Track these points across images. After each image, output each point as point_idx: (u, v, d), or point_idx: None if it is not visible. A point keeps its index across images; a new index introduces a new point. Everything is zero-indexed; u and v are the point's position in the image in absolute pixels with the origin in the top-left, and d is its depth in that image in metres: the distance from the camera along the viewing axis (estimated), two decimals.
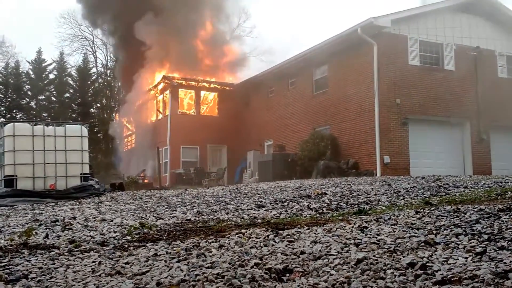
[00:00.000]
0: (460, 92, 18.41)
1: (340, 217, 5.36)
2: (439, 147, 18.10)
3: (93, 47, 46.44)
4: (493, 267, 2.80)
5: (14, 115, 39.24)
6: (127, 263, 3.58)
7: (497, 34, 19.70)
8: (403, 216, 4.82)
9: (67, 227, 6.05)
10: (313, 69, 21.33)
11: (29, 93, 40.85)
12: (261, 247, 3.81)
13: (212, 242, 4.17)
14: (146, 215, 6.99)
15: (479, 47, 18.90)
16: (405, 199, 7.14)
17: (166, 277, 2.99)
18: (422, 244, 3.52)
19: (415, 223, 4.33)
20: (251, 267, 3.11)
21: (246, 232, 4.51)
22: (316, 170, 17.80)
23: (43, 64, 41.37)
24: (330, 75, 20.22)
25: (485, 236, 3.61)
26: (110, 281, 3.02)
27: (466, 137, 18.68)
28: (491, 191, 7.17)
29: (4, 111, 39.78)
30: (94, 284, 2.94)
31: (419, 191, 8.05)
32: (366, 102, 17.68)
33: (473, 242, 3.48)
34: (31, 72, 41.15)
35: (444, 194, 7.50)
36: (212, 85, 27.59)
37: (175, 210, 7.57)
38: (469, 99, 18.59)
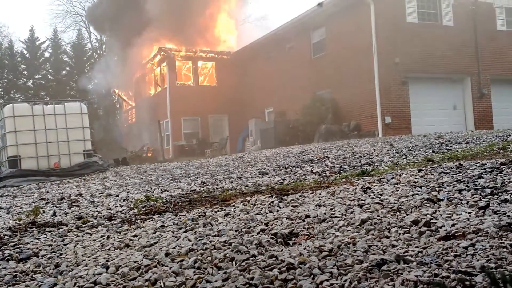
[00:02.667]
0: (459, 47, 18.18)
1: (343, 180, 5.39)
2: (440, 104, 18.04)
3: (86, 23, 45.86)
4: (496, 221, 2.83)
5: (12, 95, 39.06)
6: (135, 235, 3.63)
7: None
8: (405, 175, 4.84)
9: (73, 204, 6.11)
10: (310, 32, 21.06)
11: (25, 72, 40.50)
12: (266, 213, 3.85)
13: (218, 211, 4.22)
14: (151, 188, 7.05)
15: (477, 0, 18.58)
16: (407, 158, 7.16)
17: (174, 247, 3.03)
18: (426, 201, 3.55)
19: (418, 181, 4.36)
20: (257, 233, 3.15)
21: (251, 199, 4.55)
22: (318, 135, 17.81)
23: (37, 43, 40.88)
24: (328, 37, 19.98)
25: (488, 190, 3.64)
26: (120, 254, 3.07)
27: (467, 93, 18.58)
28: (493, 145, 7.19)
29: (2, 92, 39.60)
30: (104, 258, 2.98)
31: (421, 150, 8.07)
32: (365, 63, 17.51)
33: (476, 197, 3.51)
34: (25, 52, 40.72)
35: (446, 151, 7.52)
36: (209, 55, 27.32)
37: (180, 182, 7.62)
38: (469, 54, 18.40)
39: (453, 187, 3.90)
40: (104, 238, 3.67)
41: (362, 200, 3.83)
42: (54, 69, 40.81)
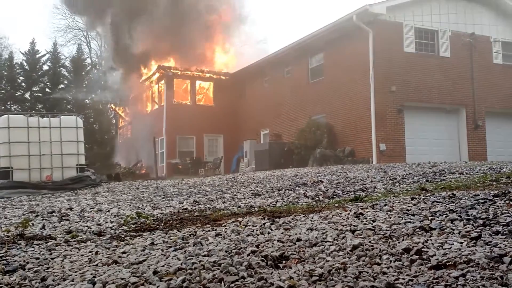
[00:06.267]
0: (455, 78, 18.41)
1: (336, 204, 5.38)
2: (434, 134, 18.15)
3: (87, 38, 46.19)
4: (488, 252, 2.82)
5: (8, 107, 38.99)
6: (124, 252, 3.59)
7: (492, 20, 19.65)
8: (398, 202, 4.83)
9: (63, 218, 6.05)
10: (308, 57, 21.27)
11: (23, 84, 40.52)
12: (258, 235, 3.82)
13: (209, 230, 4.18)
14: (142, 205, 7.00)
15: (474, 33, 18.87)
16: (401, 185, 7.16)
17: (163, 266, 2.99)
18: (418, 229, 3.54)
19: (410, 209, 4.35)
20: (248, 255, 3.12)
21: (242, 220, 4.52)
22: (312, 159, 17.82)
23: (37, 55, 40.99)
24: (326, 63, 20.17)
25: (480, 221, 3.63)
26: (107, 270, 3.03)
27: (462, 124, 18.72)
28: (486, 177, 7.20)
29: None
30: (91, 274, 2.94)
31: (415, 178, 8.08)
32: (362, 89, 17.66)
33: (468, 227, 3.50)
34: (25, 64, 40.79)
35: (439, 180, 7.53)
36: (207, 75, 27.48)
37: (172, 200, 7.58)
38: (465, 85, 18.61)
39: (446, 217, 3.89)
40: (92, 254, 3.62)
41: (354, 225, 3.81)
42: (52, 82, 40.84)
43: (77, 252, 3.73)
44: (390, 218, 4.04)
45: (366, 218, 4.11)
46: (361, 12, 17.05)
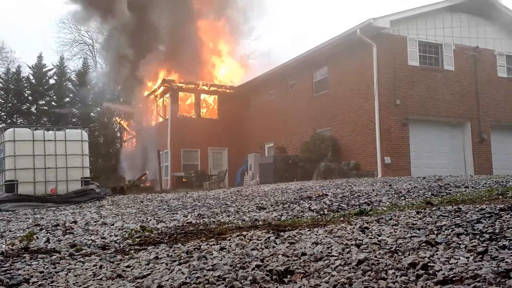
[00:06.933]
0: (460, 92, 18.42)
1: (341, 218, 5.35)
2: (439, 147, 18.10)
3: (93, 52, 46.57)
4: (494, 267, 2.79)
5: (14, 120, 39.22)
6: (128, 266, 3.58)
7: (496, 33, 19.71)
8: (404, 216, 4.80)
9: (68, 231, 6.04)
10: (313, 70, 21.35)
11: (29, 98, 40.82)
12: (262, 249, 3.80)
13: (213, 244, 4.17)
14: (147, 219, 6.99)
15: (478, 47, 18.92)
16: (406, 199, 7.13)
17: (167, 280, 2.98)
18: (424, 244, 3.51)
19: (416, 223, 4.32)
20: (252, 269, 3.10)
21: (247, 234, 4.50)
22: (317, 172, 17.78)
23: (43, 69, 41.33)
24: (330, 76, 20.23)
25: (487, 236, 3.60)
26: (112, 284, 3.02)
27: (467, 137, 18.68)
28: (492, 190, 7.16)
29: (5, 116, 39.76)
30: None
31: (420, 192, 8.04)
32: (366, 103, 17.68)
33: (475, 242, 3.47)
34: (31, 77, 41.12)
35: (445, 194, 7.49)
36: (212, 88, 27.59)
37: (176, 213, 7.56)
38: (469, 99, 18.61)
39: (452, 231, 3.86)
40: (96, 267, 3.61)
41: (359, 240, 3.79)
42: (57, 96, 41.10)
43: (82, 266, 3.72)
44: (396, 232, 4.01)
45: (371, 232, 4.08)
46: (365, 26, 17.14)
